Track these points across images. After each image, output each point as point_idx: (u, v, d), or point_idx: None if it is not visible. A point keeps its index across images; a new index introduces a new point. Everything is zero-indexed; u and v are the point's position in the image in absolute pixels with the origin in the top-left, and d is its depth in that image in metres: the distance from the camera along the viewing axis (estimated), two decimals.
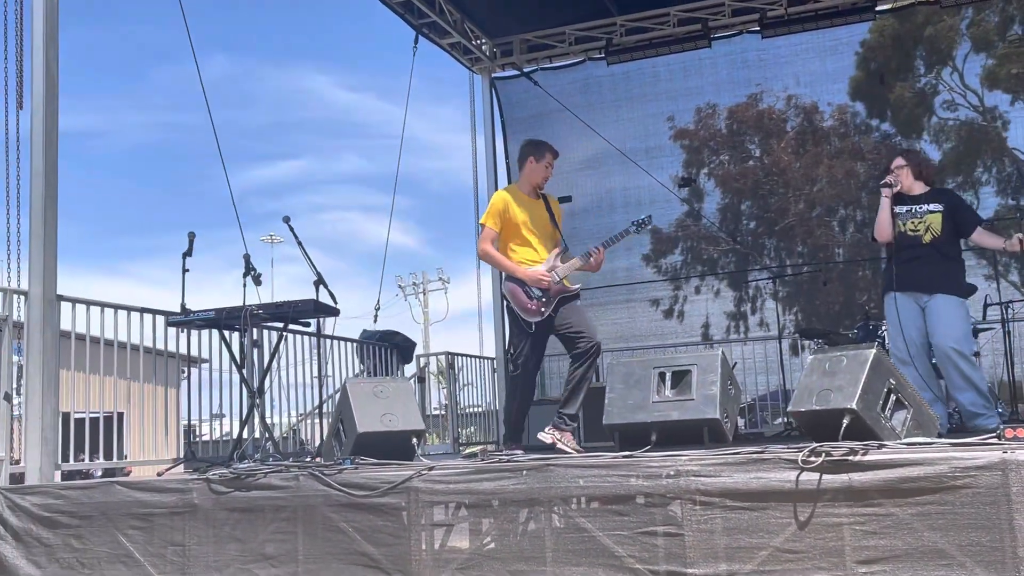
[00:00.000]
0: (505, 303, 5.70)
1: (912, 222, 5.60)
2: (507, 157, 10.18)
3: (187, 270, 5.62)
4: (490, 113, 8.66)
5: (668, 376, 4.31)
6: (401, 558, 4.15)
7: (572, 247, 10.28)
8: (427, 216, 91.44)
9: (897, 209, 5.63)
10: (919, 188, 5.69)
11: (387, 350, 8.46)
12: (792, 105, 11.38)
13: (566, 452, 4.74)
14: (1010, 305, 6.65)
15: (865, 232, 11.10)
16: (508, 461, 4.17)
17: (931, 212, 5.59)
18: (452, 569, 4.08)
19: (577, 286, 5.84)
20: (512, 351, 5.67)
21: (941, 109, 10.93)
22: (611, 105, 10.11)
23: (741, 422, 8.12)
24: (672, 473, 3.79)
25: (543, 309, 5.51)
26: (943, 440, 3.79)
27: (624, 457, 3.98)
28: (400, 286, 36.73)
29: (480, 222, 5.80)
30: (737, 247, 11.14)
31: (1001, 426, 3.81)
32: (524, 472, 4.02)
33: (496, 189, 8.17)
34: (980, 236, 5.65)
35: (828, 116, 11.19)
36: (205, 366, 6.51)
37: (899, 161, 5.77)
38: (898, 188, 5.64)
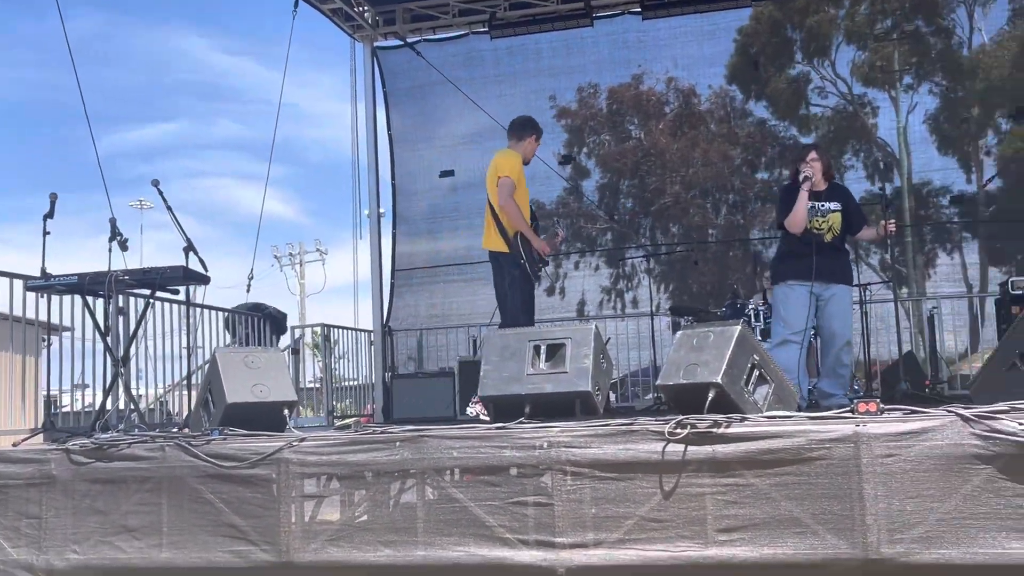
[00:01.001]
0: (511, 260, 5.97)
1: (816, 220, 5.75)
2: (389, 128, 10.05)
3: (48, 232, 5.37)
4: (371, 83, 8.50)
5: (543, 349, 4.35)
6: (269, 530, 4.09)
7: (453, 221, 10.30)
8: (305, 186, 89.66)
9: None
10: (822, 184, 5.84)
11: (259, 321, 8.27)
12: (672, 88, 11.61)
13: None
14: (868, 288, 6.99)
15: (737, 215, 11.48)
16: (382, 433, 4.15)
17: (832, 211, 5.79)
18: (322, 540, 4.04)
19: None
20: (510, 309, 6.01)
21: (814, 96, 11.34)
22: (494, 80, 10.08)
23: (613, 396, 8.29)
24: (544, 444, 3.84)
25: (539, 272, 6.11)
26: (801, 414, 3.95)
27: (497, 429, 4.01)
28: (276, 256, 35.90)
29: (502, 174, 5.96)
30: (615, 225, 11.33)
31: (855, 400, 4.00)
32: (398, 444, 4.01)
33: (376, 160, 8.09)
34: (864, 232, 5.91)
35: (706, 100, 11.44)
36: (67, 334, 6.24)
37: (813, 155, 5.86)
38: (814, 180, 5.73)
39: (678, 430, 3.70)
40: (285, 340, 8.52)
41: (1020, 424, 3.43)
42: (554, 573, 3.71)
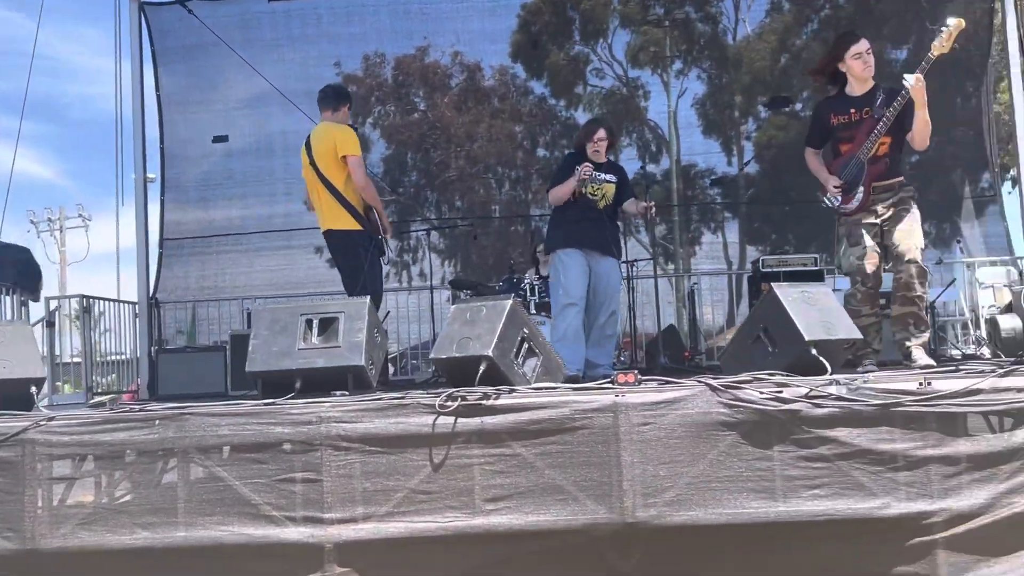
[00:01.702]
0: (365, 237, 5.90)
1: (592, 187, 6.02)
2: (157, 89, 9.46)
3: None
4: (138, 39, 7.95)
5: (315, 323, 4.28)
6: (13, 516, 3.82)
7: (226, 190, 9.88)
8: (67, 146, 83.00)
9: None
10: (603, 157, 6.14)
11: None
12: (457, 62, 11.63)
13: None
14: (635, 263, 7.32)
15: (519, 190, 11.73)
16: (140, 411, 3.95)
17: (608, 182, 6.08)
18: (72, 525, 3.81)
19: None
20: (370, 285, 5.83)
21: (592, 77, 11.72)
22: (272, 44, 9.66)
23: (393, 369, 8.28)
24: (314, 420, 3.79)
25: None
26: (566, 385, 4.09)
27: (266, 405, 3.91)
28: (33, 221, 33.06)
29: (351, 152, 5.83)
30: (399, 198, 11.27)
31: (614, 371, 4.19)
32: (157, 422, 3.83)
33: (143, 122, 7.60)
34: (629, 206, 6.20)
35: (490, 76, 11.57)
36: None
37: (602, 134, 6.12)
38: (591, 166, 5.94)
39: (448, 403, 3.75)
40: (39, 310, 7.85)
41: (761, 393, 3.71)
42: (322, 549, 3.68)
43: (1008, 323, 6.03)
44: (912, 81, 4.76)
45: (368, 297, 4.43)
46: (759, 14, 11.33)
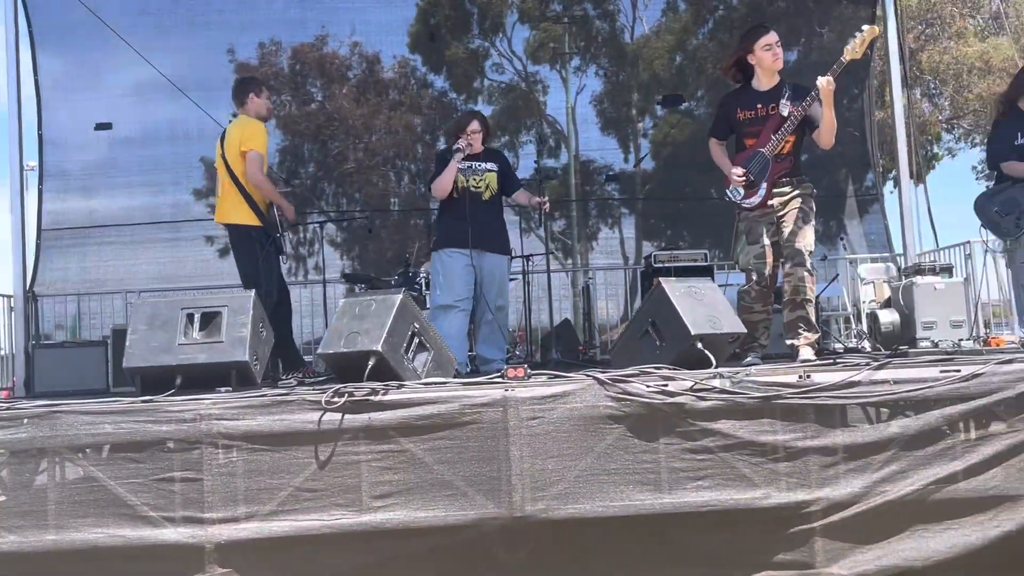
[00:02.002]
0: (261, 233, 5.78)
1: (474, 179, 5.87)
2: (35, 72, 9.02)
3: None
4: (13, 19, 7.55)
5: (197, 317, 4.14)
6: None
7: (110, 179, 9.53)
8: None
9: (459, 165, 5.82)
10: (479, 147, 5.99)
11: None
12: (356, 52, 11.48)
13: None
14: (531, 258, 7.33)
15: (419, 184, 11.64)
16: (7, 409, 3.76)
17: (489, 171, 5.95)
18: None
19: None
20: (266, 279, 5.73)
21: (491, 71, 11.70)
22: (160, 30, 9.27)
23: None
24: (194, 417, 3.68)
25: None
26: (456, 380, 4.06)
27: (144, 402, 3.77)
28: None
29: (251, 147, 5.72)
30: (295, 190, 11.06)
31: (505, 366, 4.18)
32: (25, 421, 3.66)
33: (19, 106, 7.22)
34: (518, 196, 6.14)
35: (389, 68, 11.44)
36: None
37: (475, 126, 5.98)
38: (468, 152, 5.85)
39: (335, 399, 3.69)
40: None
41: (648, 386, 3.76)
42: (202, 550, 3.58)
43: (887, 317, 6.28)
44: (824, 83, 4.84)
45: (253, 291, 4.31)
46: (655, 13, 11.50)
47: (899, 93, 7.95)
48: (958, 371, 3.81)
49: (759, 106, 5.15)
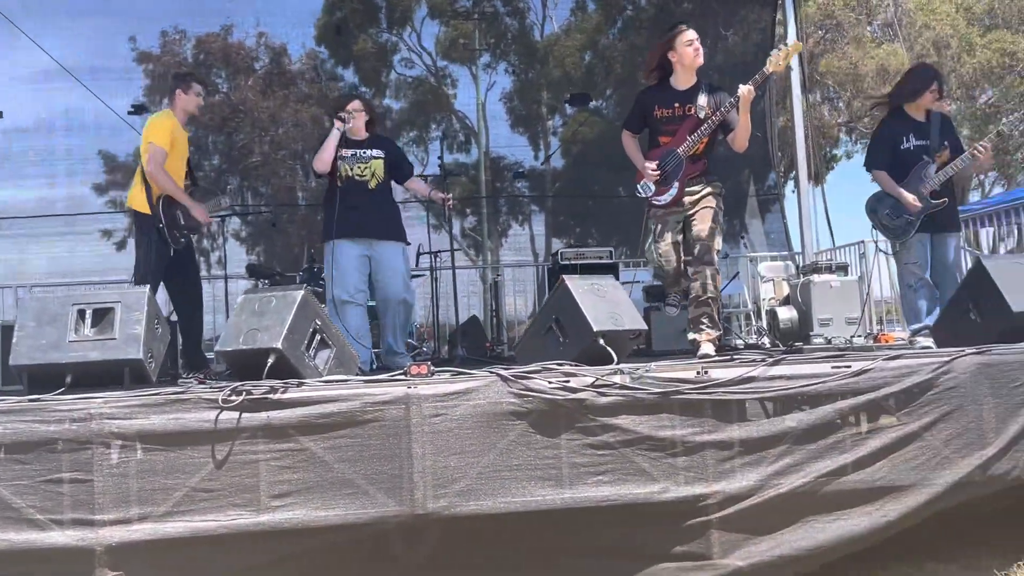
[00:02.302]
0: (150, 222, 5.69)
1: (359, 167, 5.67)
2: None
3: None
4: None
5: (88, 314, 4.00)
6: None
7: (1, 169, 9.16)
8: None
9: (342, 153, 5.65)
10: (363, 133, 5.82)
11: None
12: (263, 43, 11.29)
13: None
14: (438, 255, 7.31)
15: (325, 178, 11.49)
16: None
17: (375, 158, 5.74)
18: None
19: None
20: (143, 273, 5.67)
21: (400, 65, 11.63)
22: (57, 15, 9.00)
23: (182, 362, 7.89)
24: (85, 416, 3.56)
25: (183, 239, 5.84)
26: (357, 377, 4.02)
27: (30, 401, 3.64)
28: None
29: (151, 140, 5.69)
30: (200, 183, 10.80)
31: (409, 362, 4.16)
32: None
33: None
34: (414, 183, 6.06)
35: (297, 60, 11.29)
36: None
37: (356, 104, 5.80)
38: (350, 126, 5.63)
39: (232, 397, 3.61)
40: None
41: (550, 383, 3.78)
42: (92, 553, 3.46)
43: (785, 314, 6.46)
44: (745, 91, 4.93)
45: (148, 287, 4.20)
46: (565, 12, 11.59)
47: (799, 97, 8.20)
48: (849, 367, 3.94)
49: (676, 105, 5.22)
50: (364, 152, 5.74)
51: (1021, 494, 3.95)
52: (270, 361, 3.86)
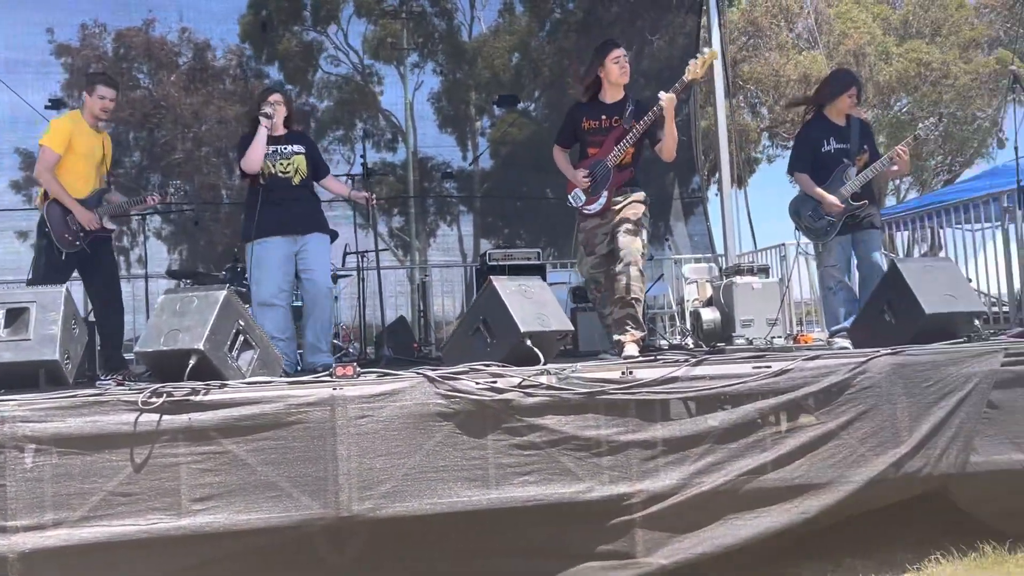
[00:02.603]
0: (42, 225, 5.68)
1: (282, 163, 5.53)
2: None
3: None
4: None
5: (2, 314, 3.88)
6: None
7: None
8: None
9: (264, 150, 5.47)
10: (282, 129, 5.64)
11: None
12: (186, 39, 11.07)
13: None
14: (365, 255, 7.25)
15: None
16: None
17: (297, 153, 5.60)
18: None
19: (113, 228, 5.99)
20: (33, 275, 5.65)
21: (326, 64, 11.51)
22: None
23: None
24: None
25: (78, 243, 5.67)
26: (282, 379, 3.97)
27: None
28: None
29: (41, 142, 5.68)
30: (118, 179, 10.54)
31: (334, 364, 4.12)
32: None
33: None
34: (331, 183, 5.92)
35: (221, 56, 11.10)
36: None
37: (277, 97, 5.64)
38: (275, 120, 5.50)
39: (153, 399, 3.54)
40: None
41: (477, 383, 3.79)
42: (4, 560, 3.36)
43: (709, 315, 6.57)
44: (666, 99, 5.06)
45: (65, 286, 4.08)
46: (493, 13, 11.61)
47: (722, 102, 8.35)
48: (769, 367, 4.03)
49: (604, 117, 5.38)
50: (285, 148, 5.60)
51: (933, 490, 4.09)
52: (192, 362, 3.79)
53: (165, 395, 3.55)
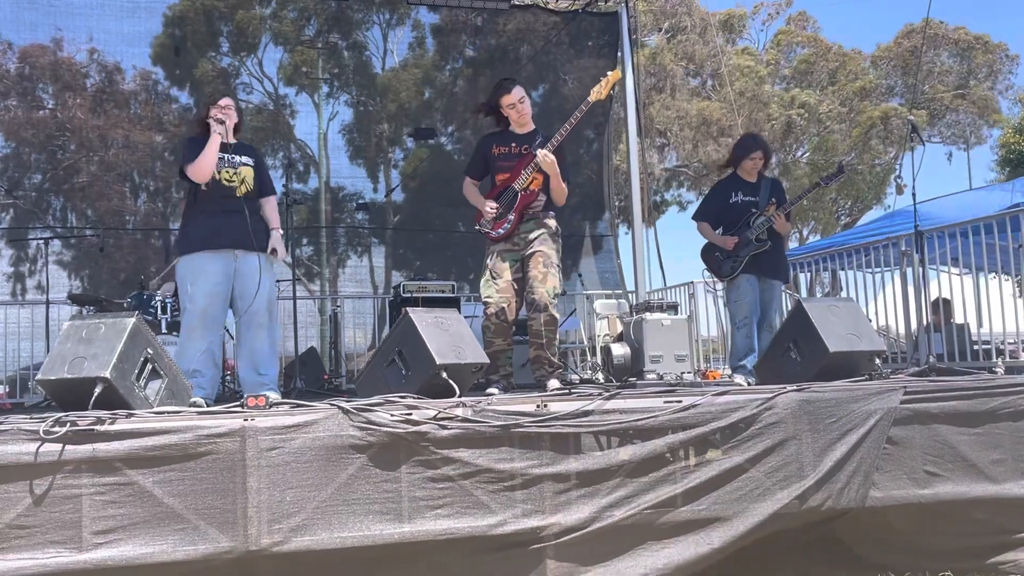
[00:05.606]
0: None
1: (227, 171, 5.16)
2: None
3: None
4: None
5: None
6: None
7: None
8: None
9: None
10: (232, 137, 5.27)
11: None
12: (95, 60, 10.81)
13: None
14: (278, 284, 7.14)
15: (157, 203, 11.07)
16: None
17: (245, 164, 5.27)
18: None
19: None
20: None
21: (240, 91, 11.37)
22: None
23: (3, 390, 7.44)
24: None
25: None
26: (191, 409, 3.90)
27: None
28: None
29: None
30: (17, 202, 10.20)
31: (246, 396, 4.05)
32: None
33: None
34: (268, 208, 5.44)
35: (131, 79, 10.87)
36: None
37: (228, 101, 5.30)
38: (227, 125, 5.13)
39: (55, 428, 3.43)
40: None
41: (392, 415, 3.77)
42: None
43: (619, 351, 6.65)
44: (541, 156, 5.23)
45: None
46: (405, 47, 11.68)
47: (635, 140, 8.53)
48: (679, 402, 4.12)
49: (514, 144, 5.49)
50: (234, 157, 5.21)
51: (834, 522, 4.23)
52: (97, 391, 3.69)
53: (69, 424, 3.45)
